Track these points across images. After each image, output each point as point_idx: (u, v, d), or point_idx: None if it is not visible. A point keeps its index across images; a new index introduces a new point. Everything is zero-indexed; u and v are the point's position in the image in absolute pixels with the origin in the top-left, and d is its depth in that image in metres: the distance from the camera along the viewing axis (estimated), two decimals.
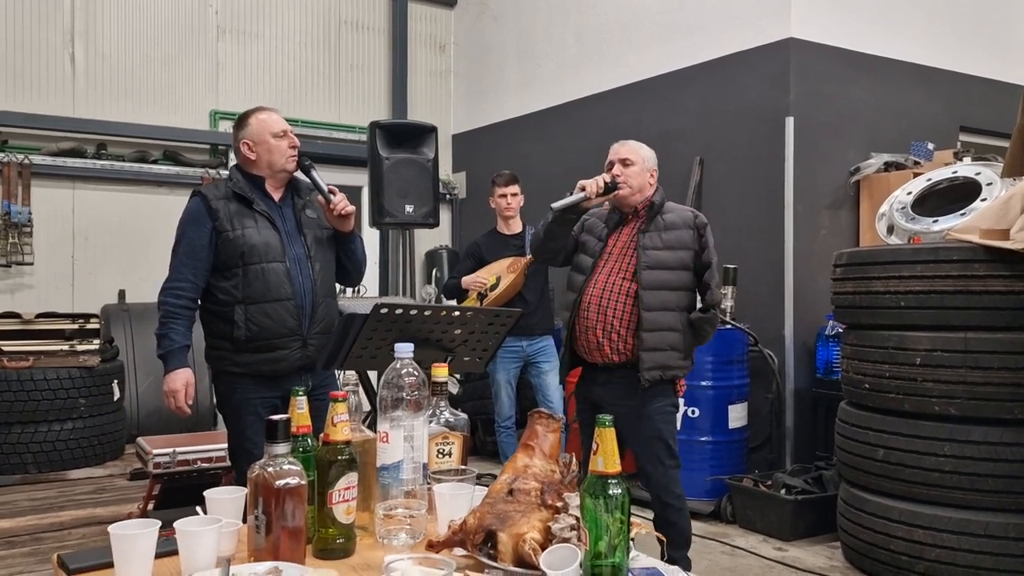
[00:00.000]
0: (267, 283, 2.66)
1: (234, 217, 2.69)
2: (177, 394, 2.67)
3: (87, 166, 6.03)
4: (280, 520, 1.38)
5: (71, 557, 1.46)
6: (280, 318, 2.67)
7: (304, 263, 2.74)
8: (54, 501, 4.47)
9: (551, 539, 1.34)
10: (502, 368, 4.47)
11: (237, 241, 2.67)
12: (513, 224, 4.59)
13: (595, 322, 2.99)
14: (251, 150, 2.76)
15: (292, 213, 2.80)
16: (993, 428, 3.15)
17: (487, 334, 2.36)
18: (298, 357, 2.72)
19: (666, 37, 5.50)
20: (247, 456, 2.69)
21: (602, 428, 1.25)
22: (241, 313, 2.65)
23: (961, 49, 5.42)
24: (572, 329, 3.06)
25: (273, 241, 2.70)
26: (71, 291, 5.97)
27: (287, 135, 2.77)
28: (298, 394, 1.56)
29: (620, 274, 3.00)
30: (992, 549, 3.12)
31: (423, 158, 4.99)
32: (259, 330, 2.66)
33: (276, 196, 2.81)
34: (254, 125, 2.77)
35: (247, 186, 2.75)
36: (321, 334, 2.74)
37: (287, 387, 2.70)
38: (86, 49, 6.12)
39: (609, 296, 2.99)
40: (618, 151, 3.24)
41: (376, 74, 7.27)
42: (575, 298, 3.05)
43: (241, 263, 2.67)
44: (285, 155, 2.76)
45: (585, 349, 3.05)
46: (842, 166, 4.88)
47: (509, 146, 6.78)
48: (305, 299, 2.72)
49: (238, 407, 2.73)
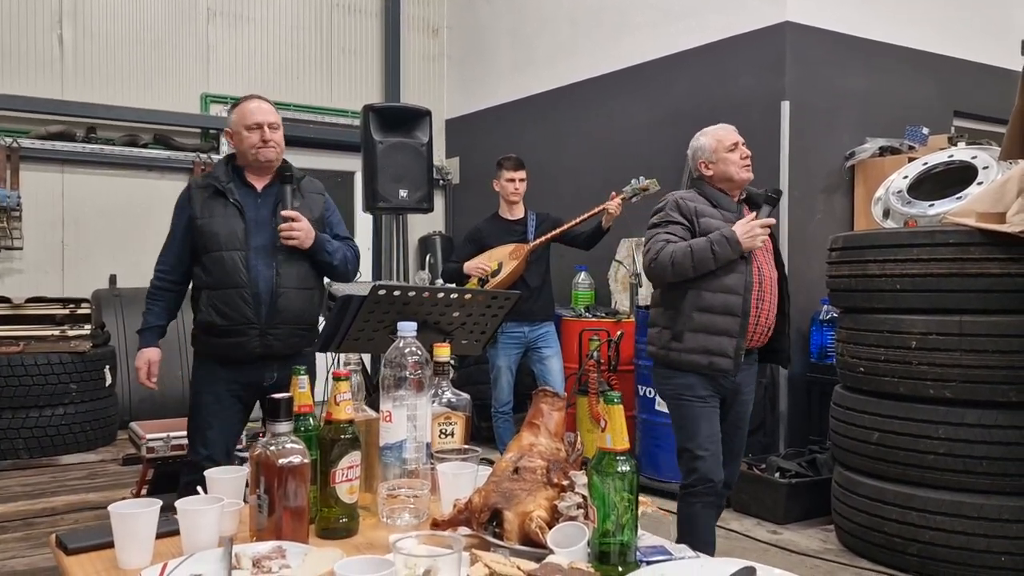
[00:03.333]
0: (224, 271, 2.71)
1: (205, 205, 2.75)
2: (140, 371, 2.84)
3: (76, 150, 5.97)
4: (283, 499, 1.37)
5: (69, 537, 1.45)
6: (235, 306, 2.70)
7: (266, 254, 2.73)
8: (46, 486, 4.44)
9: (557, 517, 1.33)
10: (503, 353, 4.46)
11: (203, 229, 2.74)
12: (516, 209, 4.55)
13: (769, 304, 2.83)
14: (230, 138, 2.83)
15: (271, 203, 2.78)
16: (987, 411, 3.17)
17: (485, 317, 2.34)
18: (256, 346, 2.73)
19: (661, 21, 5.47)
20: (201, 435, 2.81)
21: (610, 405, 1.24)
22: (205, 298, 2.74)
23: (956, 34, 5.41)
24: (747, 313, 2.77)
25: (236, 229, 2.72)
26: (61, 276, 5.92)
27: (261, 128, 2.74)
28: (299, 373, 1.54)
29: (769, 256, 2.90)
30: (986, 531, 3.14)
31: (417, 142, 4.96)
32: (218, 316, 2.72)
33: (259, 185, 2.81)
34: (235, 115, 2.81)
35: (225, 176, 2.79)
36: (286, 325, 2.74)
37: (250, 375, 2.77)
38: (74, 30, 6.04)
39: (771, 277, 2.86)
40: (735, 132, 2.96)
41: (368, 58, 7.21)
42: (745, 281, 2.76)
43: (205, 250, 2.74)
44: (254, 147, 2.75)
45: (752, 333, 2.81)
46: (837, 150, 4.88)
47: (503, 131, 6.74)
48: (261, 288, 2.71)
49: (199, 387, 2.83)
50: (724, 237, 2.70)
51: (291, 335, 2.77)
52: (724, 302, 2.75)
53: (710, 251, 2.70)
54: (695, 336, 2.76)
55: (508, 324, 4.30)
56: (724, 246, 2.70)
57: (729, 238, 2.70)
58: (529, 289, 4.31)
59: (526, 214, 4.53)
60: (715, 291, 2.75)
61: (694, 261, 2.71)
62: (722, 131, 2.92)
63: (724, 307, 2.75)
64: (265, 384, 2.76)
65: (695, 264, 2.71)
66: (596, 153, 5.91)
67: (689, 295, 2.77)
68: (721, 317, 2.75)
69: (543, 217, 4.55)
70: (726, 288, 2.75)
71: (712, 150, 2.89)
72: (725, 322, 2.75)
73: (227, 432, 2.82)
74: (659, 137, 5.38)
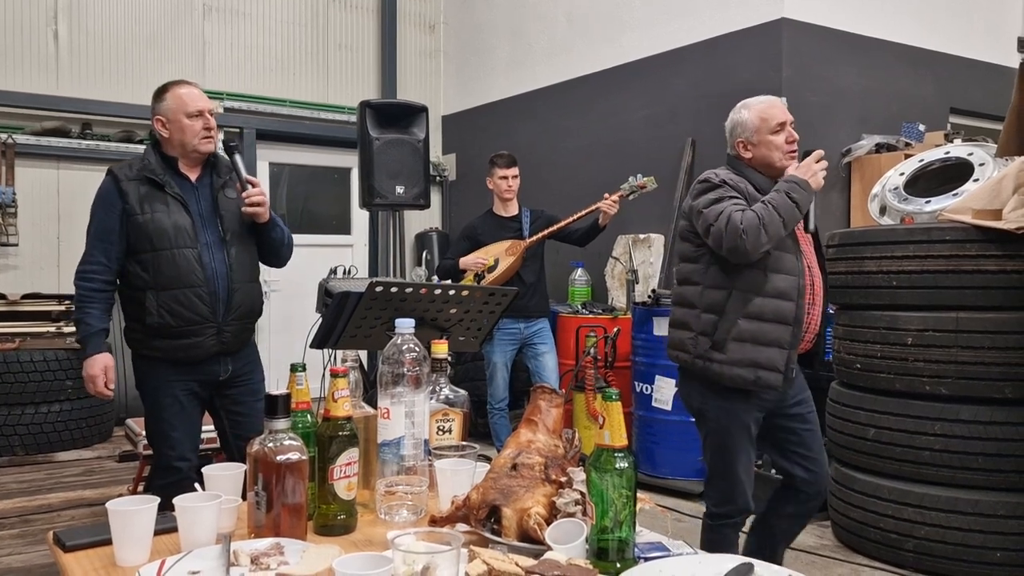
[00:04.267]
0: (178, 269, 2.56)
1: (144, 200, 2.58)
2: (96, 379, 2.60)
3: (72, 146, 5.95)
4: (281, 496, 1.37)
5: (67, 534, 1.44)
6: (192, 305, 2.57)
7: (218, 248, 2.63)
8: (42, 483, 4.44)
9: (556, 514, 1.33)
10: (499, 350, 4.46)
11: (147, 225, 2.56)
12: (511, 206, 4.55)
13: (819, 308, 2.52)
14: (164, 127, 2.62)
15: (209, 194, 2.66)
16: (983, 407, 3.18)
17: (482, 313, 2.34)
18: (213, 344, 2.63)
19: (658, 17, 5.46)
20: (164, 439, 2.66)
21: (608, 402, 1.24)
22: (152, 299, 2.56)
23: (952, 31, 5.42)
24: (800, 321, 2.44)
25: (184, 225, 2.58)
26: (57, 272, 5.90)
27: (203, 115, 2.61)
28: (297, 370, 1.54)
29: (808, 247, 2.55)
30: (981, 527, 3.15)
31: (414, 138, 4.95)
32: (171, 317, 2.56)
33: (192, 176, 2.67)
34: (169, 101, 2.61)
35: (160, 168, 2.62)
36: (239, 320, 2.67)
37: (205, 372, 2.67)
38: (70, 26, 6.02)
39: (818, 278, 2.54)
40: (787, 112, 2.55)
41: (365, 54, 7.20)
42: (797, 283, 2.43)
43: (151, 248, 2.56)
44: (198, 136, 2.61)
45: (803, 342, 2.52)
46: (834, 147, 4.88)
47: (499, 127, 6.74)
48: (219, 285, 2.61)
49: (155, 391, 2.66)
50: (791, 183, 2.36)
51: (243, 330, 2.71)
52: (776, 309, 2.40)
53: (789, 200, 2.33)
54: (742, 347, 2.40)
55: (504, 321, 4.29)
56: (799, 191, 2.34)
57: (798, 182, 2.36)
58: (525, 285, 4.32)
59: (520, 211, 4.53)
60: (766, 296, 2.41)
61: (782, 215, 2.32)
62: (767, 106, 2.51)
63: (776, 314, 2.40)
64: (221, 378, 2.70)
65: (784, 218, 2.32)
66: (593, 150, 5.91)
67: (734, 298, 2.43)
68: (772, 326, 2.40)
69: (537, 214, 4.55)
70: (779, 293, 2.41)
71: (754, 129, 2.50)
72: (776, 331, 2.40)
73: (192, 431, 2.71)
74: (656, 134, 5.38)
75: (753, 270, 2.41)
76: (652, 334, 4.57)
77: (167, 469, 2.65)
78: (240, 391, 2.76)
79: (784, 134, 2.47)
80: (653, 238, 5.37)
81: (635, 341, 4.73)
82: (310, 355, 2.77)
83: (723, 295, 2.44)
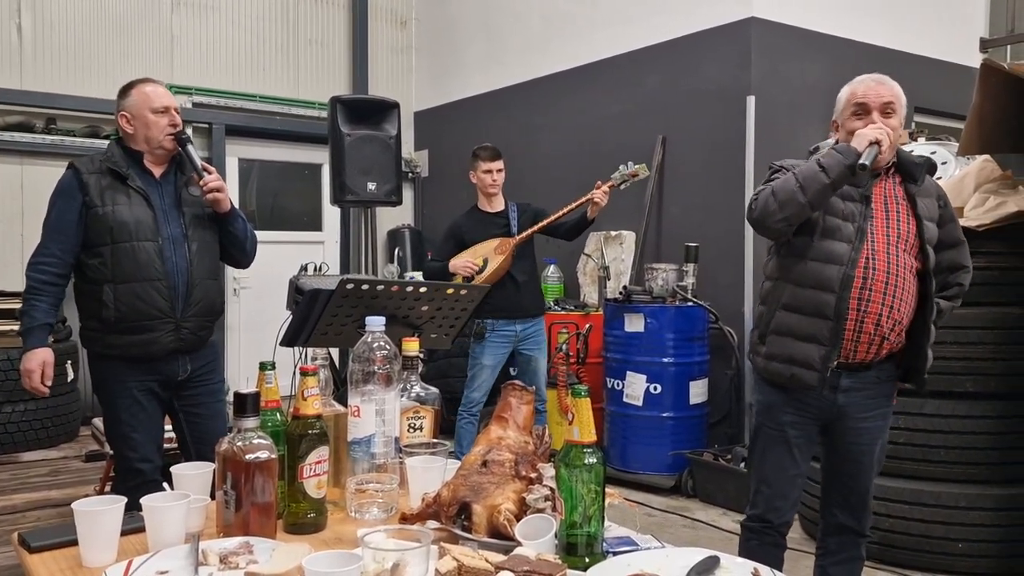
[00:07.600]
0: (137, 262, 2.54)
1: (105, 192, 2.57)
2: (32, 374, 2.55)
3: (36, 141, 5.83)
4: (250, 495, 1.37)
5: (32, 535, 1.43)
6: (151, 299, 2.55)
7: (180, 243, 2.61)
8: (6, 484, 4.36)
9: (526, 510, 1.34)
10: (491, 352, 4.26)
11: (107, 218, 2.55)
12: (496, 202, 4.33)
13: (881, 305, 2.22)
14: (129, 123, 2.63)
15: (173, 190, 2.66)
16: (945, 401, 3.25)
17: (454, 310, 2.34)
18: (171, 340, 2.60)
19: (630, 15, 5.49)
20: (125, 441, 2.63)
21: (577, 398, 1.25)
22: (110, 292, 2.54)
23: (916, 30, 5.51)
24: (842, 317, 2.23)
25: (145, 219, 2.57)
26: (20, 269, 5.71)
27: (168, 112, 2.62)
28: (266, 368, 1.54)
29: (900, 245, 2.26)
30: (943, 519, 3.22)
31: (385, 135, 4.94)
32: (128, 311, 2.54)
33: (156, 172, 2.66)
34: (135, 97, 2.62)
35: (123, 161, 2.61)
36: (197, 317, 2.64)
37: (163, 370, 2.64)
38: (33, 19, 5.91)
39: (896, 273, 2.23)
40: (879, 91, 2.29)
41: (336, 49, 7.15)
42: (842, 273, 2.22)
43: (110, 240, 2.55)
44: (163, 132, 2.61)
45: (852, 343, 2.25)
46: (802, 144, 4.89)
47: (472, 124, 6.73)
48: (178, 280, 2.59)
49: (113, 391, 2.63)
50: (832, 148, 2.20)
51: (201, 327, 2.68)
52: (815, 301, 2.23)
53: (816, 165, 2.17)
54: (780, 340, 2.29)
55: (499, 322, 4.20)
56: (833, 155, 2.17)
57: (838, 148, 2.19)
58: (517, 284, 4.18)
59: (507, 206, 4.33)
60: (806, 286, 2.25)
61: (800, 180, 2.17)
62: (859, 84, 2.31)
63: (814, 307, 2.24)
64: (180, 378, 2.67)
65: (802, 184, 2.17)
66: (567, 146, 5.93)
67: (777, 288, 2.33)
68: (809, 319, 2.24)
69: (524, 208, 4.35)
70: (818, 283, 2.23)
71: (840, 108, 2.32)
72: (813, 325, 2.23)
73: (154, 432, 2.67)
74: (628, 130, 5.41)
75: (802, 259, 2.27)
76: (623, 330, 4.61)
77: (130, 472, 2.61)
78: (199, 392, 2.73)
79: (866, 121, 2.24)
80: (625, 235, 5.40)
81: (607, 337, 4.76)
82: (280, 353, 2.77)
83: (771, 285, 2.37)
